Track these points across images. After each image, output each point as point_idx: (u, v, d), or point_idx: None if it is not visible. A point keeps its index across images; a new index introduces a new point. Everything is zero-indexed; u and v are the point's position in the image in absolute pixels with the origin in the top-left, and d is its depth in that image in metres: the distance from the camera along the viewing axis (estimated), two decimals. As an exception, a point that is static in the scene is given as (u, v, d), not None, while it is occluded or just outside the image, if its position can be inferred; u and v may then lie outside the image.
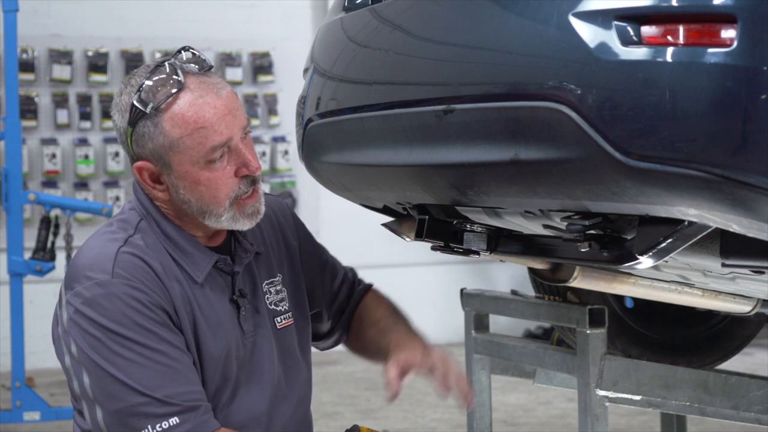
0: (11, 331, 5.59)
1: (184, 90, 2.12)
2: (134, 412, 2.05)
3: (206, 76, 2.16)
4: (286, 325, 2.34)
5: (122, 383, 2.06)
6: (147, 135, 2.13)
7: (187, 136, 2.11)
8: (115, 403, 2.06)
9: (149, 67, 2.16)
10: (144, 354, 2.07)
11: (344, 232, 8.48)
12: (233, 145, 2.14)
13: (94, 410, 2.09)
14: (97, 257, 2.14)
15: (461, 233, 2.66)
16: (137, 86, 2.13)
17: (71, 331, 2.10)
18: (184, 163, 2.13)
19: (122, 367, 2.06)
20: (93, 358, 2.07)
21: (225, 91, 2.15)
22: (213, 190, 2.15)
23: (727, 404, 3.14)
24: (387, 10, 2.60)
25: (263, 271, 2.33)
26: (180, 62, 2.15)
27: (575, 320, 3.07)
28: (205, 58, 2.19)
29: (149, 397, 2.05)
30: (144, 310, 2.09)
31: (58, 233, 5.68)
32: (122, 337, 2.07)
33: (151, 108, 2.11)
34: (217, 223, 2.19)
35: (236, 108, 2.15)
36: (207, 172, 2.14)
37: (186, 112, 2.11)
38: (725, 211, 1.83)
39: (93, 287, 2.09)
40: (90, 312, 2.08)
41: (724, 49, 1.75)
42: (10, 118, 5.56)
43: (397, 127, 2.49)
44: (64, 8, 8.10)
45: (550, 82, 1.98)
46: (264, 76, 8.49)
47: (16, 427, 5.73)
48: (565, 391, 4.13)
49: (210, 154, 2.12)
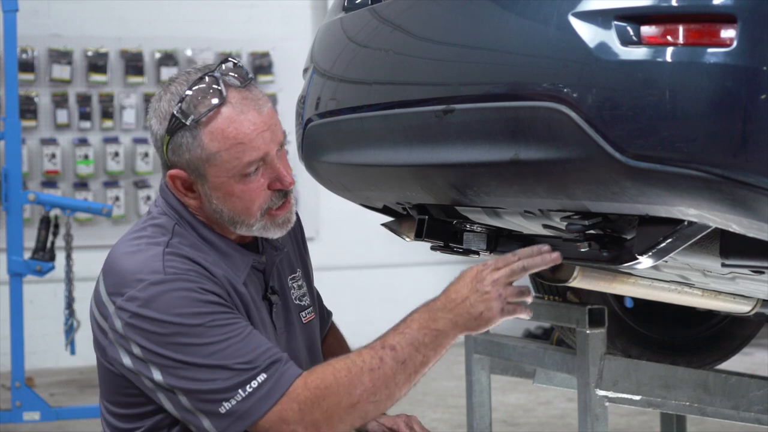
0: (11, 331, 5.59)
1: (225, 104, 2.14)
2: (220, 388, 2.07)
3: (248, 91, 2.17)
4: (310, 320, 2.39)
5: (200, 366, 2.08)
6: (185, 146, 2.15)
7: (225, 150, 2.13)
8: (198, 385, 2.08)
9: (190, 74, 2.18)
10: (213, 335, 2.09)
11: (344, 232, 8.48)
12: (269, 159, 2.17)
13: (176, 398, 2.11)
14: (143, 261, 2.14)
15: (461, 233, 2.66)
16: (178, 95, 2.14)
17: (130, 335, 2.11)
18: (220, 176, 2.16)
19: (196, 353, 2.08)
20: (162, 354, 2.09)
21: (266, 108, 2.17)
22: (246, 201, 2.17)
23: (727, 404, 3.14)
24: (387, 10, 2.60)
25: (286, 267, 2.36)
26: (222, 73, 2.16)
27: (575, 320, 3.07)
28: (247, 70, 2.20)
29: (230, 369, 2.08)
30: (202, 297, 2.11)
31: (58, 233, 5.68)
32: (187, 327, 2.08)
33: (191, 120, 2.13)
34: (248, 232, 2.22)
35: (275, 124, 2.18)
36: (241, 185, 2.16)
37: (226, 127, 2.13)
38: (725, 211, 1.83)
39: (148, 287, 2.10)
40: (149, 312, 2.09)
41: (723, 49, 1.75)
42: (9, 118, 5.56)
43: (396, 127, 2.49)
44: (64, 8, 8.10)
45: (550, 82, 1.98)
46: (264, 76, 8.49)
47: (16, 427, 5.73)
48: (565, 391, 4.13)
49: (245, 168, 2.15)
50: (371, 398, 2.10)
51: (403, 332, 2.12)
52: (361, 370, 2.09)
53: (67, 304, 5.82)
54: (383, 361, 2.10)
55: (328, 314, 2.61)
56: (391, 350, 2.11)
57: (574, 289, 3.23)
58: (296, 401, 2.08)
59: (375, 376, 2.10)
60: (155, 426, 2.18)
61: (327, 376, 2.10)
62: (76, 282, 5.85)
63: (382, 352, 2.11)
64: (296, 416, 2.08)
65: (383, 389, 2.10)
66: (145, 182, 8.18)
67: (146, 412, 2.18)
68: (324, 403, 2.08)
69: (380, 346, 2.12)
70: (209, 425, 2.09)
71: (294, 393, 2.09)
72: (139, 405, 2.18)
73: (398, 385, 2.11)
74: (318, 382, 2.09)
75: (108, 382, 2.21)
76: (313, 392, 2.09)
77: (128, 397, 2.18)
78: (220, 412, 2.08)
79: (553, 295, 3.33)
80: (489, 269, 2.13)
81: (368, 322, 5.80)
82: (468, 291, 2.13)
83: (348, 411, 2.10)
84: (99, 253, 2.84)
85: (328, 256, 8.12)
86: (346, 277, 8.44)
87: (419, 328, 2.12)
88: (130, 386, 2.17)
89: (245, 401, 2.07)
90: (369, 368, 2.10)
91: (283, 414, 2.08)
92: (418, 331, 2.12)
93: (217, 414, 2.08)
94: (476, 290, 2.12)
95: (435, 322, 2.12)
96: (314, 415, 2.08)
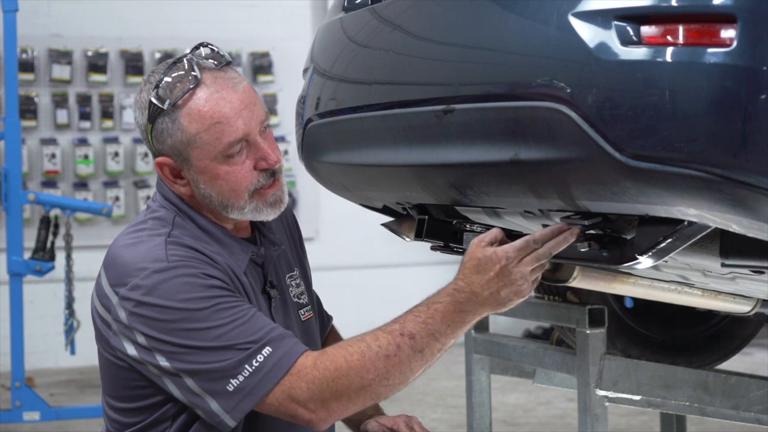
0: (11, 331, 5.59)
1: (200, 86, 2.14)
2: (228, 365, 2.08)
3: (222, 72, 2.17)
4: (309, 317, 2.39)
5: (207, 349, 2.08)
6: (165, 131, 2.16)
7: (204, 131, 2.14)
8: (205, 366, 2.09)
9: (167, 63, 2.18)
10: (218, 318, 2.09)
11: (344, 232, 8.48)
12: (251, 139, 2.16)
13: (183, 382, 2.11)
14: (145, 251, 2.15)
15: (461, 233, 2.66)
16: (155, 83, 2.16)
17: (134, 324, 2.11)
18: (203, 158, 2.16)
19: (202, 337, 2.08)
20: (168, 340, 2.09)
21: (241, 86, 2.17)
22: (232, 183, 2.17)
23: (727, 404, 3.14)
24: (387, 10, 2.60)
25: (283, 265, 2.37)
26: (198, 58, 2.17)
27: (575, 320, 3.07)
28: (224, 53, 2.21)
29: (237, 349, 2.08)
30: (206, 282, 2.11)
31: (58, 233, 5.69)
32: (193, 311, 2.09)
33: (168, 104, 2.14)
34: (240, 215, 2.21)
35: (253, 102, 2.17)
36: (226, 166, 2.16)
37: (202, 107, 2.14)
38: (725, 211, 1.83)
39: (151, 275, 2.11)
40: (154, 299, 2.09)
41: (723, 49, 1.75)
42: (9, 118, 5.56)
43: (396, 127, 2.49)
44: (64, 8, 8.10)
45: (550, 82, 1.98)
46: (264, 76, 8.49)
47: (16, 427, 5.74)
48: (565, 391, 4.13)
49: (228, 149, 2.15)
50: (384, 382, 2.10)
51: (426, 322, 2.10)
52: (376, 355, 2.09)
53: (67, 304, 5.83)
54: (400, 348, 2.09)
55: (328, 318, 2.61)
56: (410, 338, 2.10)
57: (574, 289, 3.23)
58: (305, 380, 2.09)
59: (390, 362, 2.09)
60: (159, 418, 2.18)
61: (338, 358, 2.10)
62: (76, 282, 5.85)
63: (401, 340, 2.10)
64: (305, 395, 2.08)
65: (397, 375, 2.10)
66: (145, 182, 8.18)
67: (150, 405, 2.18)
68: (334, 384, 2.09)
69: (399, 332, 2.10)
70: (217, 407, 2.09)
71: (303, 372, 2.09)
72: (142, 398, 2.18)
73: (413, 371, 2.11)
74: (328, 364, 2.09)
75: (111, 377, 2.21)
76: (322, 373, 2.09)
77: (132, 390, 2.18)
78: (228, 390, 2.08)
79: (553, 295, 3.33)
80: (514, 262, 2.11)
81: (368, 322, 5.78)
82: (498, 286, 2.11)
83: (359, 392, 2.10)
84: (99, 253, 2.83)
85: (328, 256, 8.11)
86: (346, 277, 8.44)
87: (443, 320, 2.11)
88: (133, 379, 2.17)
89: (253, 376, 2.07)
90: (385, 354, 2.09)
91: (292, 392, 2.08)
92: (441, 323, 2.11)
93: (225, 393, 2.08)
94: (506, 284, 2.11)
95: (460, 314, 2.12)
96: (324, 395, 2.09)
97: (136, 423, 2.19)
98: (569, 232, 2.14)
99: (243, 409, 2.09)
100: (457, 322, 2.12)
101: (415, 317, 2.12)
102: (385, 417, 2.45)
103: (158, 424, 2.18)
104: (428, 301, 2.15)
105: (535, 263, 2.12)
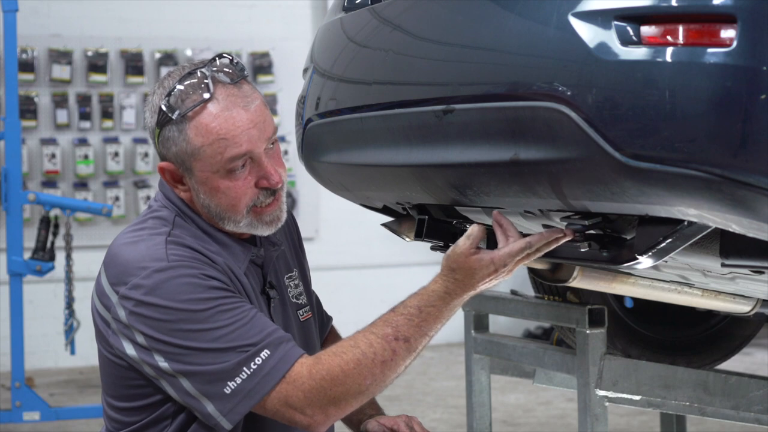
0: (11, 331, 5.60)
1: (212, 101, 2.15)
2: (226, 368, 2.09)
3: (236, 88, 2.17)
4: (308, 318, 2.40)
5: (206, 351, 2.09)
6: (172, 139, 2.17)
7: (207, 145, 2.15)
8: (203, 368, 2.09)
9: (183, 70, 2.19)
10: (219, 320, 2.10)
11: (344, 232, 8.48)
12: (256, 156, 2.17)
13: (179, 383, 2.11)
14: (146, 250, 2.16)
15: (461, 233, 2.66)
16: (168, 89, 2.16)
17: (134, 324, 2.11)
18: (205, 170, 2.17)
19: (202, 338, 2.09)
20: (168, 341, 2.09)
21: (253, 105, 2.17)
22: (232, 198, 2.18)
23: (726, 404, 3.14)
24: (387, 10, 2.60)
25: (282, 266, 2.37)
26: (214, 69, 2.17)
27: (575, 320, 3.07)
28: (242, 66, 2.21)
29: (236, 351, 2.09)
30: (206, 282, 2.12)
31: (58, 233, 5.69)
32: (193, 312, 2.10)
33: (177, 114, 2.15)
34: (235, 228, 2.23)
35: (262, 121, 2.17)
36: (227, 180, 2.17)
37: (210, 123, 2.14)
38: (725, 211, 1.83)
39: (152, 275, 2.11)
40: (154, 299, 2.10)
41: (723, 49, 1.75)
42: (9, 118, 5.57)
43: (396, 127, 2.49)
44: (64, 8, 8.10)
45: (550, 82, 1.98)
46: (264, 76, 8.49)
47: (16, 427, 5.74)
48: (565, 391, 4.13)
49: (229, 163, 2.16)
50: (381, 385, 2.14)
51: (419, 326, 2.15)
52: (372, 362, 2.12)
53: (67, 304, 5.83)
54: (396, 353, 2.13)
55: (328, 319, 2.61)
56: (405, 342, 2.14)
57: (574, 289, 3.23)
58: (301, 389, 2.10)
59: (386, 367, 2.13)
60: (159, 417, 2.18)
61: (334, 368, 2.11)
62: (76, 282, 5.85)
63: (396, 345, 2.13)
64: (301, 402, 2.10)
65: (392, 375, 2.15)
66: (145, 182, 8.18)
67: (149, 404, 2.18)
68: (331, 392, 2.11)
69: (393, 337, 2.13)
70: (213, 409, 2.09)
71: (299, 381, 2.10)
72: (142, 397, 2.18)
73: (407, 367, 2.16)
74: (324, 374, 2.11)
75: (111, 376, 2.22)
76: (318, 383, 2.10)
77: (131, 389, 2.19)
78: (225, 393, 2.09)
79: (553, 295, 3.33)
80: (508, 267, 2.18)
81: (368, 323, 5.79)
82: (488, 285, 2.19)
83: (356, 397, 2.13)
84: (99, 253, 2.84)
85: (328, 256, 8.12)
86: (345, 277, 8.44)
87: (436, 321, 2.17)
88: (133, 378, 2.17)
89: (250, 379, 2.08)
90: (381, 360, 2.12)
91: (288, 400, 2.10)
92: (434, 324, 2.17)
93: (222, 395, 2.09)
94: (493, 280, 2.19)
95: (451, 312, 2.18)
96: (321, 402, 2.11)
97: (136, 422, 2.20)
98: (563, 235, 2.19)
99: (239, 412, 2.10)
100: (447, 318, 2.19)
101: (407, 320, 2.15)
102: (385, 417, 2.45)
103: (158, 422, 2.18)
104: (419, 303, 2.17)
105: (524, 261, 2.19)
